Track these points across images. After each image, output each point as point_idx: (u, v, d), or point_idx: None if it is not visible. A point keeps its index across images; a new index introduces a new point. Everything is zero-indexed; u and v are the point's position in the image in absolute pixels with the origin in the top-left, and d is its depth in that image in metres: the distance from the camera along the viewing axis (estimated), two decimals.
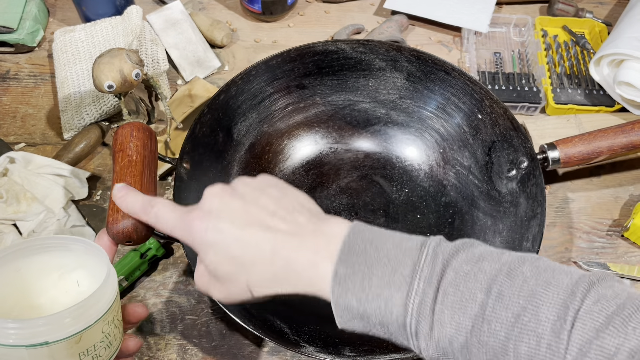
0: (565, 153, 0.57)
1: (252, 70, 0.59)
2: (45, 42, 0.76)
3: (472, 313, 0.32)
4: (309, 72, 0.62)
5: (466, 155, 0.61)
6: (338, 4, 0.82)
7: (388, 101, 0.63)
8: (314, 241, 0.35)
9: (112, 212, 0.43)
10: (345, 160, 0.64)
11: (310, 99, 0.63)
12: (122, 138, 0.48)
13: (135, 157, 0.47)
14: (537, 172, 0.54)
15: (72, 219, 0.60)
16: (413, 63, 0.61)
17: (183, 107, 0.67)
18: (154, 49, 0.71)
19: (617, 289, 0.31)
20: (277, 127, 0.63)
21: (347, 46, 0.61)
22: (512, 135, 0.56)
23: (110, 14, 0.74)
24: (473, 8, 0.77)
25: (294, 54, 0.60)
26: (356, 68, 0.62)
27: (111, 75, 0.54)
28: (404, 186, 0.63)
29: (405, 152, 0.64)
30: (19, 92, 0.71)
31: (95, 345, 0.36)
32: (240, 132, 0.60)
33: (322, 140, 0.64)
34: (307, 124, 0.64)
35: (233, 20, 0.80)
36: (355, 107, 0.64)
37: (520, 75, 0.71)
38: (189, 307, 0.56)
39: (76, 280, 0.40)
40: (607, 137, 0.58)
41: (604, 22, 0.78)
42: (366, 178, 0.63)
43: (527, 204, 0.54)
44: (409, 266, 0.33)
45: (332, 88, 0.63)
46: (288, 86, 0.62)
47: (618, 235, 0.61)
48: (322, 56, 0.61)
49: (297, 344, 0.48)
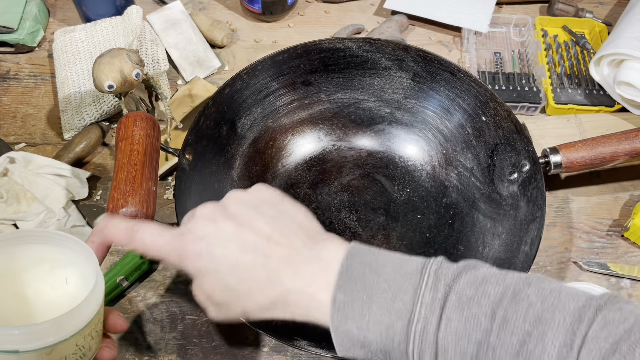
0: (567, 158, 0.57)
1: (257, 65, 0.59)
2: (45, 42, 0.76)
3: (477, 339, 0.31)
4: (315, 69, 0.62)
5: (469, 157, 0.61)
6: (338, 4, 0.82)
7: (393, 100, 0.64)
8: (310, 268, 0.34)
9: (112, 199, 0.43)
10: (348, 158, 0.64)
11: (315, 96, 0.63)
12: (126, 127, 0.49)
13: (138, 145, 0.47)
14: (538, 176, 0.54)
15: (72, 219, 0.60)
16: (419, 63, 0.61)
17: (183, 107, 0.67)
18: (154, 49, 0.71)
19: (625, 311, 0.30)
20: (281, 122, 0.63)
21: (354, 44, 0.61)
22: (515, 138, 0.56)
23: (111, 14, 0.74)
24: (473, 8, 0.77)
25: (300, 50, 0.60)
26: (362, 66, 0.62)
27: (111, 75, 0.54)
28: (406, 186, 0.63)
29: (408, 152, 0.64)
30: (19, 92, 0.71)
31: (67, 357, 0.35)
32: (244, 126, 0.60)
33: (326, 138, 0.65)
34: (311, 121, 0.64)
35: (233, 20, 0.80)
36: (360, 106, 0.64)
37: (520, 75, 0.71)
38: (189, 307, 0.56)
39: (65, 277, 0.39)
40: (610, 144, 0.57)
41: (604, 22, 0.78)
42: (368, 176, 0.63)
43: (527, 207, 0.54)
44: (409, 292, 0.32)
45: (338, 86, 0.63)
46: (293, 82, 0.62)
47: (618, 235, 0.61)
48: (328, 53, 0.61)
49: (290, 339, 0.47)
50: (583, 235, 0.61)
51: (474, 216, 0.59)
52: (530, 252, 0.51)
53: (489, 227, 0.57)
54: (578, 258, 0.60)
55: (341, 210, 0.61)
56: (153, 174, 0.47)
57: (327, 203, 0.61)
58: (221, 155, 0.58)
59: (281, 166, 0.63)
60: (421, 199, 0.62)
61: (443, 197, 0.61)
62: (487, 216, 0.58)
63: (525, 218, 0.54)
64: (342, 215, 0.60)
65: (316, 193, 0.62)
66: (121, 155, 0.47)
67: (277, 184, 0.62)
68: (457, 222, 0.59)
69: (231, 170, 0.59)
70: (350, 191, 0.62)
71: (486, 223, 0.57)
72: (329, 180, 0.63)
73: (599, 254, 0.60)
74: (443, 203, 0.61)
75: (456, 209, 0.60)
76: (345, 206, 0.61)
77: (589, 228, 0.62)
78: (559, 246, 0.61)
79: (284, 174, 0.62)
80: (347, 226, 0.60)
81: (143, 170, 0.46)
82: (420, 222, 0.60)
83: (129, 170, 0.46)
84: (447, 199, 0.61)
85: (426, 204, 0.62)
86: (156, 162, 0.49)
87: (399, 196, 0.62)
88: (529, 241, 0.52)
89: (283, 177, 0.62)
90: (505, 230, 0.55)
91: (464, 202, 0.60)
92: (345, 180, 0.63)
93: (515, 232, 0.54)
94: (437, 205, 0.61)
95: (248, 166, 0.60)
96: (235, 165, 0.60)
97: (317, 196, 0.61)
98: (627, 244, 0.61)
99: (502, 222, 0.56)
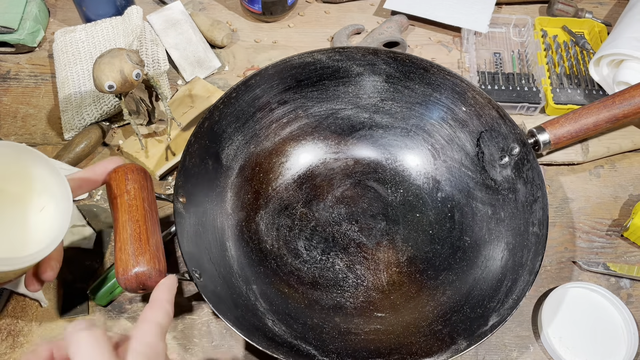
0: (554, 134, 0.58)
1: (232, 92, 0.58)
2: (45, 43, 0.76)
3: None
4: (289, 87, 0.61)
5: (455, 148, 0.61)
6: (338, 4, 0.82)
7: (370, 105, 0.64)
8: None
9: (121, 261, 0.42)
10: (336, 170, 0.64)
11: (292, 113, 0.63)
12: (117, 182, 0.46)
13: (135, 200, 0.45)
14: (530, 157, 0.54)
15: (72, 218, 0.60)
16: (390, 64, 0.61)
17: (183, 107, 0.67)
18: (155, 49, 0.71)
19: None
20: (264, 146, 0.62)
21: (324, 56, 0.61)
22: (500, 123, 0.57)
23: (111, 14, 0.74)
24: (473, 8, 0.77)
25: (271, 71, 0.60)
26: (334, 76, 0.62)
27: (112, 76, 0.54)
28: (398, 187, 0.63)
29: (394, 153, 0.64)
30: (20, 92, 0.71)
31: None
32: (228, 156, 0.59)
33: (311, 153, 0.64)
34: (293, 139, 0.64)
35: (233, 21, 0.80)
36: (338, 115, 0.64)
37: (520, 76, 0.72)
38: (189, 307, 0.56)
39: (44, 206, 0.41)
40: (591, 114, 0.59)
41: (604, 22, 0.78)
42: (360, 184, 0.63)
43: (525, 188, 0.54)
44: None
45: (313, 99, 0.63)
46: (269, 103, 0.61)
47: (618, 235, 0.62)
48: (299, 69, 0.61)
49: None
50: (583, 235, 0.62)
51: (473, 206, 0.59)
52: (540, 232, 0.51)
53: (490, 214, 0.57)
54: (578, 258, 0.60)
55: (341, 224, 0.61)
56: (156, 226, 0.46)
57: (326, 218, 0.61)
58: (212, 190, 0.57)
59: (272, 190, 0.62)
60: (416, 197, 0.62)
61: (437, 191, 0.62)
62: (485, 203, 0.58)
63: (526, 199, 0.54)
64: (343, 228, 0.60)
65: (312, 210, 0.61)
66: (120, 214, 0.45)
67: (270, 208, 0.61)
68: (457, 214, 0.60)
69: (224, 203, 0.58)
70: (346, 202, 0.62)
71: (486, 210, 0.58)
72: (322, 195, 0.62)
73: (598, 253, 0.60)
74: (438, 198, 0.61)
75: (453, 202, 0.60)
76: (344, 218, 0.61)
77: (589, 228, 0.62)
78: (559, 246, 0.61)
79: (275, 198, 0.62)
80: (351, 238, 0.60)
81: (147, 225, 0.44)
82: (420, 221, 0.61)
83: (132, 228, 0.43)
84: (441, 193, 0.61)
85: (422, 201, 0.62)
86: (156, 212, 0.47)
87: (394, 198, 0.62)
88: (536, 222, 0.52)
89: (275, 200, 0.62)
90: (508, 214, 0.55)
91: (459, 193, 0.60)
92: (338, 192, 0.63)
93: (519, 215, 0.54)
94: (433, 200, 0.61)
95: (239, 196, 0.60)
96: (227, 198, 0.59)
97: (314, 213, 0.61)
98: (626, 244, 0.61)
99: (503, 207, 0.56)
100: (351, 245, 0.59)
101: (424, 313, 0.54)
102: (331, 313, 0.55)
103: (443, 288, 0.55)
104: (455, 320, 0.51)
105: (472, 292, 0.53)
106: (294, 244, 0.59)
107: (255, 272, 0.56)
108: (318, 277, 0.57)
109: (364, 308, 0.55)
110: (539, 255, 0.49)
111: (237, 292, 0.52)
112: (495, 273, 0.53)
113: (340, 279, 0.57)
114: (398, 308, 0.55)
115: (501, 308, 0.48)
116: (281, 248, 0.59)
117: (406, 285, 0.57)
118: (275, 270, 0.57)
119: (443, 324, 0.51)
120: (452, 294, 0.54)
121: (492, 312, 0.49)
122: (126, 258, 0.42)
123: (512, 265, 0.52)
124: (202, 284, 0.48)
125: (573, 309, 0.55)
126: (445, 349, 0.47)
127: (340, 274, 0.57)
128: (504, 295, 0.50)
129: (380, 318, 0.54)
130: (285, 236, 0.60)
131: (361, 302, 0.56)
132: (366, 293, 0.56)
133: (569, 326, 0.55)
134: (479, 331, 0.47)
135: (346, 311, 0.55)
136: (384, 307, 0.55)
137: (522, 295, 0.47)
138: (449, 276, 0.56)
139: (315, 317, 0.54)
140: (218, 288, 0.50)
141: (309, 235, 0.60)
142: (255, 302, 0.53)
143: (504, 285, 0.51)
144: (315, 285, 0.57)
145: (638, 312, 0.56)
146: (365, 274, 0.57)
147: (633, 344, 0.53)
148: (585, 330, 0.54)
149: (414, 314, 0.54)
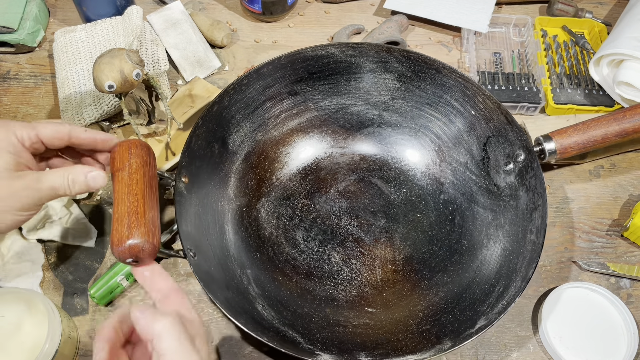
0: (561, 144, 0.58)
1: (244, 79, 0.59)
2: (45, 42, 0.76)
3: None
4: (300, 78, 0.62)
5: (461, 151, 0.61)
6: (338, 4, 0.82)
7: (380, 102, 0.64)
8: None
9: (116, 232, 0.42)
10: (341, 164, 0.64)
11: (302, 105, 0.63)
12: (121, 156, 0.47)
13: (136, 174, 0.46)
14: (534, 165, 0.54)
15: (73, 217, 0.60)
16: (403, 63, 0.61)
17: (183, 107, 0.67)
18: (155, 49, 0.71)
19: None
20: (271, 135, 0.63)
21: (337, 50, 0.61)
22: (507, 129, 0.57)
23: (111, 14, 0.74)
24: (473, 8, 0.77)
25: (284, 61, 0.60)
26: (347, 71, 0.62)
27: (112, 76, 0.54)
28: (402, 186, 0.63)
29: (401, 152, 0.64)
30: (20, 92, 0.71)
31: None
32: (235, 142, 0.60)
33: (317, 146, 0.65)
34: (301, 130, 0.64)
35: (233, 21, 0.80)
36: (347, 111, 0.64)
37: (520, 76, 0.72)
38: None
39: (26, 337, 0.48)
40: (600, 126, 0.58)
41: (604, 22, 0.78)
42: (364, 180, 0.63)
43: (527, 196, 0.54)
44: None
45: (324, 93, 0.63)
46: (280, 93, 0.62)
47: (618, 235, 0.62)
48: (312, 61, 0.61)
49: (312, 353, 0.48)
50: (583, 235, 0.62)
51: (474, 210, 0.59)
52: (537, 240, 0.51)
53: (490, 220, 0.57)
54: (578, 258, 0.60)
55: (341, 217, 0.61)
56: (154, 201, 0.46)
57: (326, 211, 0.61)
58: (215, 174, 0.58)
59: (275, 179, 0.63)
60: (419, 197, 0.62)
61: (440, 193, 0.62)
62: (487, 209, 0.58)
63: (527, 207, 0.54)
64: (342, 222, 0.60)
65: (314, 202, 0.62)
66: (120, 186, 0.45)
67: (273, 197, 0.61)
68: (458, 217, 0.60)
69: (227, 188, 0.59)
70: (348, 197, 0.62)
71: (487, 215, 0.58)
72: (325, 188, 0.63)
73: (598, 253, 0.60)
74: (441, 200, 0.61)
75: (455, 205, 0.60)
76: (345, 213, 0.61)
77: (589, 228, 0.62)
78: (559, 246, 0.61)
79: (279, 187, 0.62)
80: (350, 232, 0.60)
81: (145, 200, 0.45)
82: (420, 221, 0.61)
83: (130, 200, 0.44)
84: (444, 196, 0.61)
85: (424, 202, 0.62)
86: (156, 188, 0.47)
87: (397, 197, 0.62)
88: (534, 230, 0.52)
89: (278, 189, 0.62)
90: (508, 220, 0.55)
91: (461, 196, 0.60)
92: (341, 186, 0.63)
93: (519, 222, 0.54)
94: (435, 202, 0.61)
95: (243, 182, 0.60)
96: (230, 183, 0.59)
97: (315, 205, 0.61)
98: (626, 244, 0.61)
99: (503, 213, 0.56)
100: (349, 240, 0.59)
101: (415, 312, 0.54)
102: (322, 304, 0.55)
103: (436, 289, 0.55)
104: (444, 321, 0.51)
105: (464, 295, 0.53)
106: (292, 233, 0.59)
107: (251, 257, 0.57)
108: (313, 268, 0.58)
109: (355, 302, 0.55)
110: (533, 262, 0.49)
111: (230, 274, 0.53)
112: (489, 278, 0.53)
113: (335, 272, 0.57)
114: (389, 305, 0.55)
115: (490, 312, 0.49)
116: (279, 236, 0.59)
117: (400, 284, 0.57)
118: (271, 258, 0.58)
119: (432, 324, 0.52)
120: (445, 296, 0.54)
121: (481, 315, 0.49)
122: (121, 229, 0.42)
123: (507, 272, 0.52)
124: (196, 262, 0.48)
125: (573, 309, 0.55)
126: (430, 347, 0.48)
127: (336, 266, 0.58)
128: (494, 300, 0.50)
129: (370, 313, 0.55)
130: (285, 225, 0.60)
131: (353, 296, 0.56)
132: (359, 288, 0.57)
133: (569, 326, 0.54)
134: (464, 333, 0.48)
135: (338, 303, 0.55)
136: (375, 303, 0.55)
137: (512, 301, 0.48)
138: (443, 278, 0.56)
139: (306, 307, 0.54)
140: (212, 269, 0.51)
141: (308, 226, 0.60)
142: (247, 286, 0.54)
143: (496, 291, 0.51)
144: (310, 276, 0.57)
145: (638, 312, 0.56)
146: (360, 269, 0.58)
147: (633, 344, 0.53)
148: (585, 330, 0.54)
149: (405, 312, 0.54)
